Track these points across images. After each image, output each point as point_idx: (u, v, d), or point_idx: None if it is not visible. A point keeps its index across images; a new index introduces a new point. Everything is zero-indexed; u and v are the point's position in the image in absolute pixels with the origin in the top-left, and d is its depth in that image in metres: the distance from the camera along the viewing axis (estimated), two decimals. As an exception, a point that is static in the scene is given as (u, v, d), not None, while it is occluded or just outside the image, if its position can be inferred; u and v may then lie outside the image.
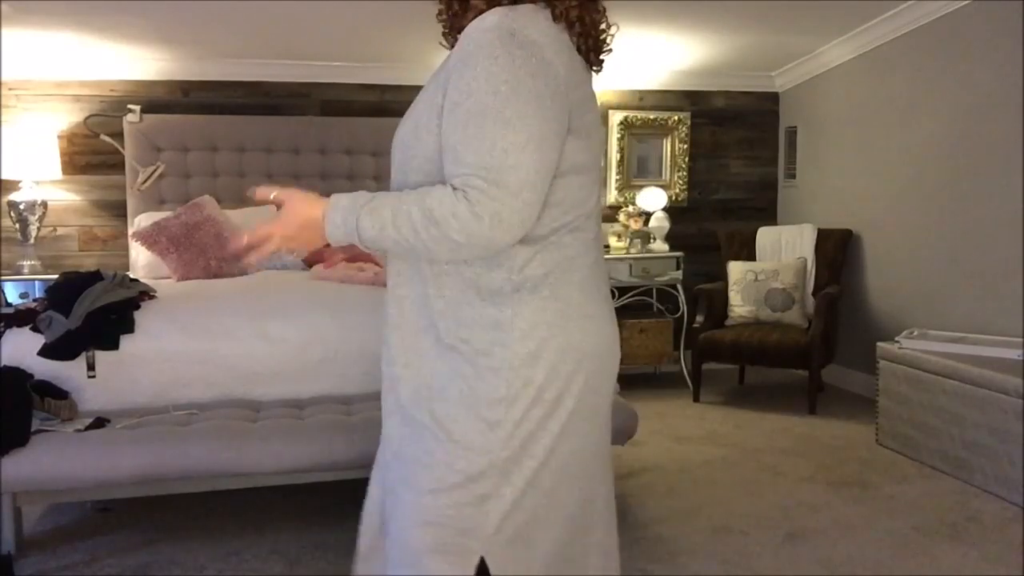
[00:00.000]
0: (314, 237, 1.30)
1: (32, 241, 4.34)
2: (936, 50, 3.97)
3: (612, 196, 5.20)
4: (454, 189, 1.20)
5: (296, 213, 1.29)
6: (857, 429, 3.91)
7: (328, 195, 1.30)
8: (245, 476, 2.48)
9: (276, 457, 2.40)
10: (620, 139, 5.16)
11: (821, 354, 4.24)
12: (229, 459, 2.37)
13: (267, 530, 2.77)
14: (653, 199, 4.98)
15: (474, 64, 1.21)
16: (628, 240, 4.88)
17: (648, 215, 4.99)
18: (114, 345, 2.60)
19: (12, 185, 4.34)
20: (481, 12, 1.28)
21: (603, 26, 1.39)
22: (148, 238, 3.96)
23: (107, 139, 4.48)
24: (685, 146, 5.27)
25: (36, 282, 4.22)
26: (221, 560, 2.56)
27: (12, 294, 4.09)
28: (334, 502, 2.95)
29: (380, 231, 1.24)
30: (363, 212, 1.24)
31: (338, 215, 1.26)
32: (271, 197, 1.31)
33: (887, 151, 4.38)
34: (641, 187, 5.08)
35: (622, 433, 2.63)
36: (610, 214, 5.16)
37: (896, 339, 3.65)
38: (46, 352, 2.55)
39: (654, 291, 5.11)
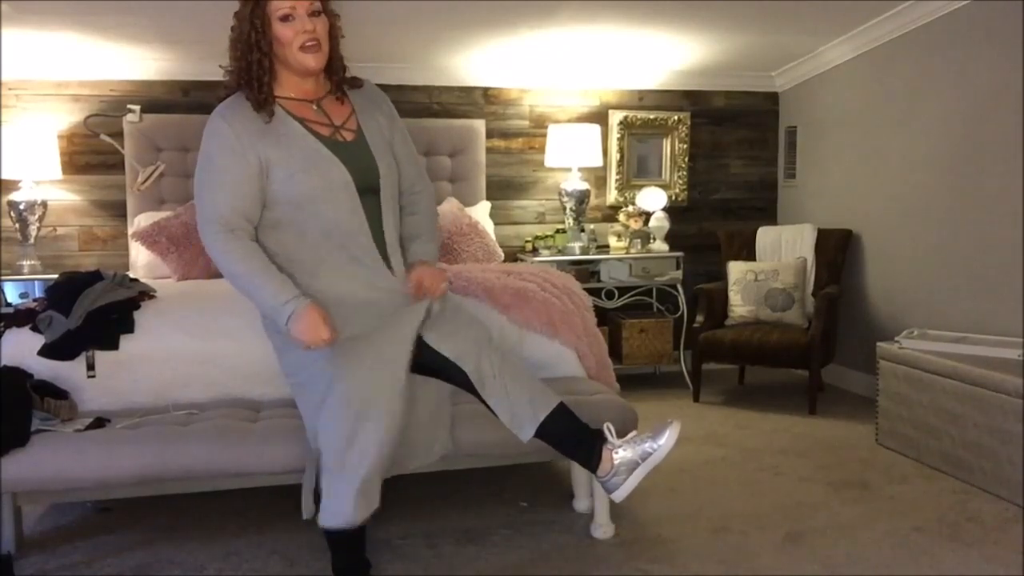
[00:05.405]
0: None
1: (32, 241, 4.33)
2: (936, 50, 3.97)
3: (612, 196, 5.19)
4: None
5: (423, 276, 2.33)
6: (857, 429, 3.91)
7: None
8: (245, 476, 2.48)
9: (276, 457, 2.40)
10: (620, 139, 5.16)
11: (821, 354, 4.23)
12: (229, 459, 2.38)
13: (267, 530, 2.77)
14: (653, 199, 4.98)
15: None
16: (628, 240, 4.88)
17: (648, 215, 4.99)
18: (114, 345, 2.60)
19: (12, 185, 4.33)
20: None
21: None
22: (148, 238, 3.97)
23: (107, 139, 4.48)
24: (685, 146, 5.26)
25: (36, 282, 4.21)
26: (221, 560, 2.56)
27: (12, 294, 4.08)
28: (334, 502, 2.94)
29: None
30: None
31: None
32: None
33: (887, 151, 4.37)
34: (641, 187, 5.08)
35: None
36: (610, 214, 5.16)
37: (896, 339, 3.65)
38: (46, 352, 2.55)
39: (654, 291, 5.11)
